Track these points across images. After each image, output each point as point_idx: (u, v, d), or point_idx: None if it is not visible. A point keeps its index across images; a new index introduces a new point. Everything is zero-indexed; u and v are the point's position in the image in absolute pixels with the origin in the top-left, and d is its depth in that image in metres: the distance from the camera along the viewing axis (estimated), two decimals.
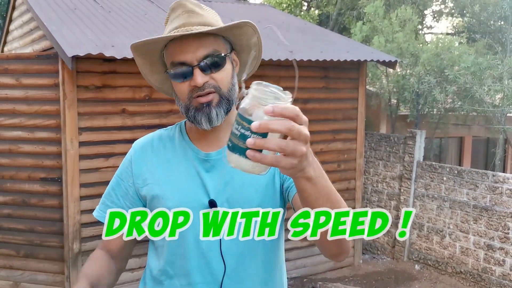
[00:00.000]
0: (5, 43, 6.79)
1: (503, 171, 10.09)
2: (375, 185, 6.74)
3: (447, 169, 5.80)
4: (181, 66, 1.13)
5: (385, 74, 7.97)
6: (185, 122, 1.29)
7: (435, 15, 11.39)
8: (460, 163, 10.12)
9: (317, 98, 5.36)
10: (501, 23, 9.22)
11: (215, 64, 1.13)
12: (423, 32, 11.61)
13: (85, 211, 4.20)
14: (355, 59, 5.27)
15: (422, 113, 7.90)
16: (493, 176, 5.32)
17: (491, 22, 9.44)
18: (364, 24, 8.47)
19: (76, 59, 3.95)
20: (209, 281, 1.18)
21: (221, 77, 1.14)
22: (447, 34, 11.15)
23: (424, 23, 11.35)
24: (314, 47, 5.46)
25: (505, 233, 5.15)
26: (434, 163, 6.16)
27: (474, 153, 10.37)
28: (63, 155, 4.20)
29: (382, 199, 6.64)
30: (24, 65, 4.27)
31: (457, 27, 11.96)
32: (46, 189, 4.34)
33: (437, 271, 5.89)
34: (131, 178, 1.25)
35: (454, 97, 7.47)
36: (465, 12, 10.27)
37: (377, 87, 8.22)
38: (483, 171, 5.49)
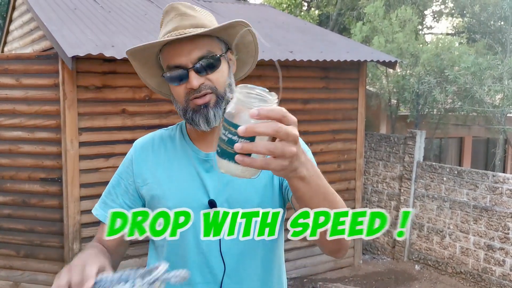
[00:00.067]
0: (5, 43, 6.80)
1: (503, 171, 10.09)
2: (375, 186, 6.75)
3: (447, 170, 5.80)
4: (176, 69, 1.13)
5: (385, 74, 7.97)
6: (186, 122, 1.29)
7: (435, 16, 11.40)
8: (460, 163, 10.12)
9: (317, 98, 5.36)
10: (501, 23, 9.22)
11: (210, 65, 1.13)
12: (423, 32, 11.61)
13: (85, 211, 4.20)
14: (355, 60, 5.27)
15: (422, 113, 7.90)
16: (493, 176, 5.32)
17: (491, 22, 9.44)
18: (364, 24, 8.48)
19: (76, 59, 3.95)
20: (209, 280, 1.19)
21: (216, 78, 1.14)
22: (447, 34, 11.14)
23: (424, 23, 11.36)
24: (314, 48, 5.47)
25: (505, 233, 5.15)
26: (434, 163, 6.16)
27: (474, 153, 10.37)
28: (63, 155, 4.20)
29: (382, 200, 6.64)
30: (24, 65, 4.27)
31: (457, 28, 11.96)
32: (46, 189, 4.34)
33: (437, 271, 5.89)
34: (132, 177, 1.26)
35: (454, 98, 7.47)
36: (465, 12, 10.28)
37: (377, 88, 8.22)
38: (483, 171, 5.49)
